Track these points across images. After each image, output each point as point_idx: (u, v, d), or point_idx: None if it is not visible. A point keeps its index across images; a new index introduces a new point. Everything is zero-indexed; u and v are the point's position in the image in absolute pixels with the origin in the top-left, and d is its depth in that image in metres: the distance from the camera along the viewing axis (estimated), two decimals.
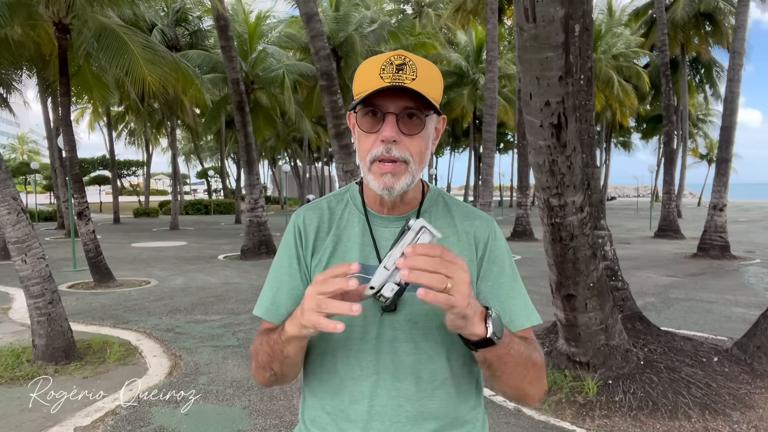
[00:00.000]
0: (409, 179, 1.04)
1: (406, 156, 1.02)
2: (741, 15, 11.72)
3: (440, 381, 1.07)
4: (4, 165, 4.92)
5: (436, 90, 1.03)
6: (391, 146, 1.01)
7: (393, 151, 1.02)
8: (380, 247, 1.10)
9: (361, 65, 1.05)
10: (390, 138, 1.01)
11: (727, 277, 10.31)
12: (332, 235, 1.13)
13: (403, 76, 0.98)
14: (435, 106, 1.01)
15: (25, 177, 42.11)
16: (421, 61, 1.02)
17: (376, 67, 1.00)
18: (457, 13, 21.10)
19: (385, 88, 0.98)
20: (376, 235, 1.11)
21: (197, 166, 54.47)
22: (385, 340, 1.06)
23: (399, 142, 1.02)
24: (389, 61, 1.00)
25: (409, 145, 1.03)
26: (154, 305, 7.78)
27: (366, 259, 1.09)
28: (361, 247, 1.10)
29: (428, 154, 1.08)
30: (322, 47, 8.35)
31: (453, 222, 1.14)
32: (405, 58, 1.00)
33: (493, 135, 13.68)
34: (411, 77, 0.99)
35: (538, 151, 3.65)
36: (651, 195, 33.68)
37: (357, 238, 1.12)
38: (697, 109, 38.94)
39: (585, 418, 3.83)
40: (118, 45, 8.76)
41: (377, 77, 0.99)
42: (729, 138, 11.87)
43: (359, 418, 1.07)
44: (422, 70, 1.00)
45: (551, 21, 3.14)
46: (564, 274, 4.08)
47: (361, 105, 1.03)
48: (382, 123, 1.02)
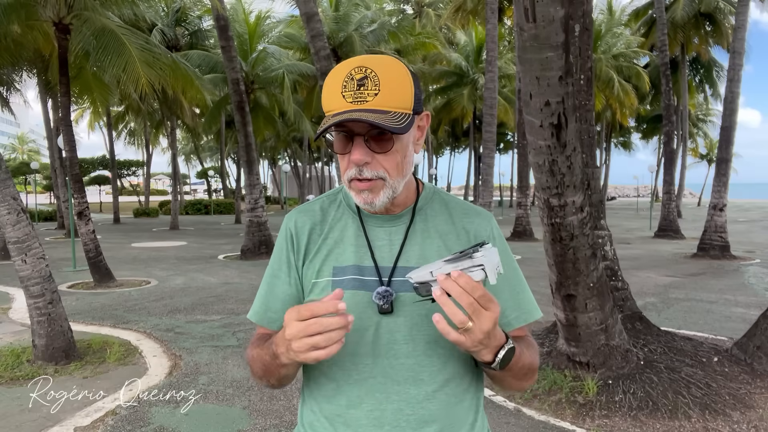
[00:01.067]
0: (389, 192, 1.02)
1: (380, 173, 1.00)
2: (741, 15, 11.72)
3: (440, 383, 1.05)
4: (4, 165, 4.92)
5: (405, 95, 0.98)
6: (363, 168, 0.99)
7: (365, 173, 1.00)
8: (375, 248, 1.08)
9: (325, 79, 1.00)
10: (359, 161, 0.98)
11: (727, 277, 10.31)
12: (326, 237, 1.11)
13: (364, 93, 0.94)
14: (406, 115, 0.97)
15: (25, 177, 42.12)
16: (385, 67, 0.97)
17: (338, 83, 0.96)
18: (457, 13, 21.10)
19: (342, 119, 0.93)
20: (371, 236, 1.09)
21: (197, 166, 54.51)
22: (382, 342, 1.04)
23: (371, 162, 0.99)
24: (350, 75, 0.95)
25: (383, 162, 1.00)
26: (154, 305, 7.78)
27: (361, 261, 1.07)
28: (356, 249, 1.08)
29: (409, 162, 1.05)
30: (322, 47, 8.36)
31: (451, 219, 1.12)
32: (366, 70, 0.95)
33: (493, 135, 13.68)
34: (373, 92, 0.94)
35: (538, 151, 3.65)
36: (651, 195, 33.68)
37: (351, 239, 1.10)
38: (697, 109, 38.94)
39: (585, 418, 3.83)
40: (116, 45, 8.76)
41: (339, 97, 0.95)
42: (729, 138, 11.87)
43: (357, 423, 1.04)
44: (386, 80, 0.95)
45: (551, 21, 3.14)
46: (564, 274, 4.08)
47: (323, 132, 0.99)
48: (352, 143, 0.99)
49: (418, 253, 1.07)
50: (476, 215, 1.14)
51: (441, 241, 1.09)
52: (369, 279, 1.05)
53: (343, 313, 0.87)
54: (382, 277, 1.05)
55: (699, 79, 30.11)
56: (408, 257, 1.07)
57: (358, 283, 1.05)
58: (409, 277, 0.89)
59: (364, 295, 1.04)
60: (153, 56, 9.22)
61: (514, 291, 1.11)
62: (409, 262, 1.06)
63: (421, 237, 1.09)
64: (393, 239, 1.08)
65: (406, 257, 1.07)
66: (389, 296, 1.03)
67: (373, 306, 1.03)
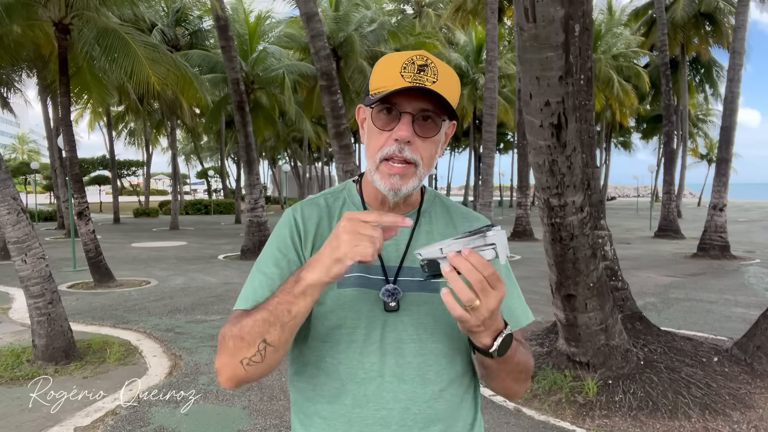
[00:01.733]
0: (416, 182, 1.03)
1: (416, 159, 1.01)
2: (741, 15, 11.73)
3: (447, 382, 1.05)
4: (4, 165, 4.92)
5: (455, 95, 1.02)
6: (404, 146, 1.00)
7: (405, 152, 1.00)
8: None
9: (380, 60, 1.04)
10: (404, 138, 0.99)
11: (727, 277, 10.31)
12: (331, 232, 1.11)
13: (424, 78, 0.97)
14: (453, 110, 1.01)
15: (25, 177, 42.11)
16: (443, 65, 1.01)
17: (397, 64, 0.99)
18: (457, 13, 21.10)
19: (407, 88, 0.96)
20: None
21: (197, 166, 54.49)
22: (389, 341, 1.03)
23: (413, 143, 1.00)
24: (411, 60, 0.99)
25: (421, 147, 1.02)
26: (154, 305, 7.78)
27: None
28: None
29: (436, 159, 1.07)
30: (322, 47, 8.36)
31: (452, 223, 1.14)
32: (427, 60, 0.99)
33: (493, 135, 13.68)
34: (432, 79, 0.98)
35: (538, 151, 3.65)
36: (651, 195, 33.68)
37: None
38: (697, 109, 38.93)
39: (585, 418, 3.83)
40: (120, 45, 8.76)
41: (398, 75, 0.98)
42: (729, 138, 11.88)
43: (363, 422, 1.02)
44: (443, 74, 0.99)
45: (551, 21, 3.14)
46: (564, 274, 4.08)
47: (379, 101, 1.00)
48: (397, 122, 1.00)
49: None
50: (475, 220, 1.17)
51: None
52: (375, 278, 1.05)
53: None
54: (388, 276, 1.05)
55: (699, 79, 30.13)
56: (413, 257, 1.06)
57: (365, 281, 1.05)
58: (418, 254, 0.89)
59: (370, 293, 1.04)
60: (157, 52, 9.22)
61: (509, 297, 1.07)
62: (415, 262, 1.05)
63: (425, 238, 1.10)
64: (399, 239, 1.08)
65: (412, 257, 1.07)
66: (397, 294, 1.03)
67: (380, 304, 1.03)
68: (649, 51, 26.98)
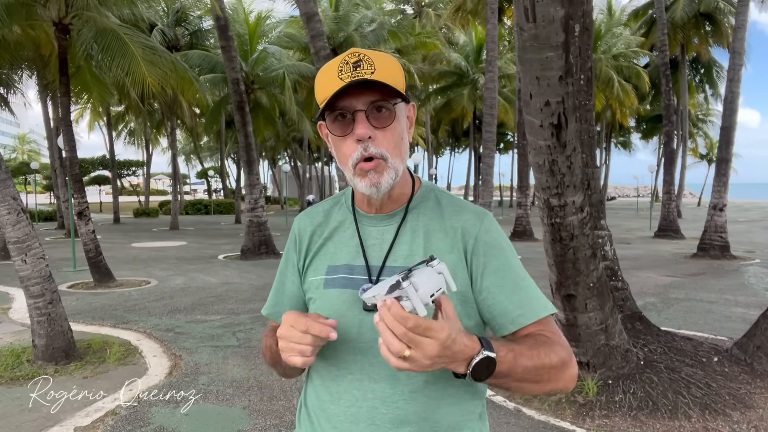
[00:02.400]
0: (393, 174, 1.03)
1: (382, 152, 1.01)
2: (741, 15, 11.72)
3: (420, 384, 1.03)
4: (4, 165, 4.92)
5: (398, 79, 1.01)
6: (368, 143, 1.00)
7: (370, 149, 1.01)
8: (367, 247, 1.10)
9: (318, 72, 1.04)
10: (364, 135, 0.99)
11: (727, 277, 10.31)
12: (326, 238, 1.16)
13: (361, 72, 0.98)
14: (401, 92, 1.00)
15: (25, 177, 42.11)
16: (377, 54, 1.01)
17: (334, 69, 1.00)
18: (457, 13, 21.11)
19: (346, 86, 0.96)
20: (364, 235, 1.12)
21: (197, 166, 54.51)
22: (364, 340, 1.04)
23: (374, 138, 1.01)
24: (344, 61, 0.99)
25: (383, 140, 1.02)
26: (154, 305, 7.78)
27: (353, 260, 1.10)
28: (349, 249, 1.12)
29: (405, 145, 1.07)
30: (322, 47, 8.35)
31: (441, 217, 1.11)
32: (360, 55, 1.00)
33: (493, 135, 13.68)
34: (370, 71, 0.98)
35: (538, 151, 3.65)
36: (651, 195, 33.68)
37: (347, 239, 1.13)
38: (697, 109, 38.94)
39: (585, 418, 3.83)
40: (118, 45, 8.77)
41: (336, 79, 0.98)
42: (729, 138, 11.87)
43: (336, 418, 1.07)
44: (380, 63, 0.99)
45: (551, 21, 3.14)
46: (564, 274, 4.08)
47: (328, 110, 1.01)
48: (353, 123, 1.01)
49: (406, 252, 1.07)
50: (467, 212, 1.11)
51: (427, 238, 1.08)
52: (358, 278, 1.08)
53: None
54: (371, 275, 1.07)
55: (699, 79, 30.13)
56: (396, 256, 1.08)
57: (347, 282, 1.08)
58: (362, 297, 0.90)
59: (351, 293, 1.06)
60: (156, 55, 9.23)
61: (516, 288, 1.05)
62: (397, 261, 1.07)
63: (410, 236, 1.09)
64: (384, 238, 1.10)
65: (395, 256, 1.08)
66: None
67: (359, 304, 1.04)
68: (649, 51, 26.98)
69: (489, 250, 1.06)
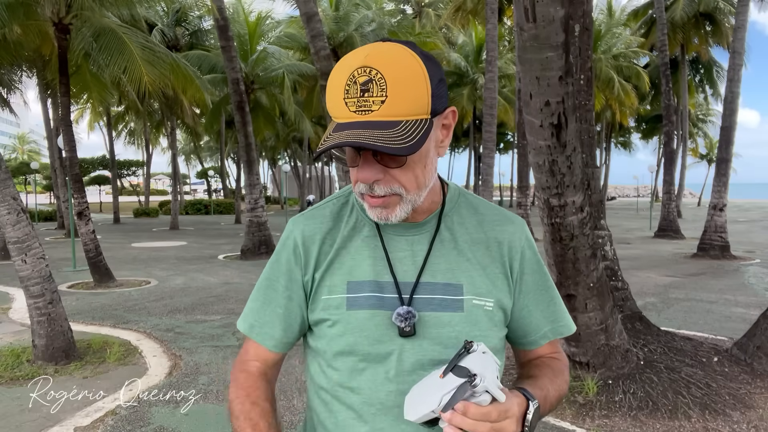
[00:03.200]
0: (407, 207, 0.89)
1: (395, 189, 0.87)
2: (741, 15, 11.73)
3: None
4: (4, 165, 4.92)
5: (418, 97, 0.82)
6: (374, 185, 0.87)
7: (377, 190, 0.87)
8: (393, 260, 0.95)
9: (331, 74, 0.86)
10: (367, 181, 0.86)
11: (727, 277, 10.31)
12: (339, 247, 0.98)
13: (369, 100, 0.80)
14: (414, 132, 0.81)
15: (25, 177, 42.12)
16: (393, 65, 0.81)
17: (341, 85, 0.82)
18: (456, 13, 21.11)
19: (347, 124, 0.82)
20: (390, 246, 0.96)
21: (197, 166, 54.53)
22: (406, 368, 0.92)
23: (383, 178, 0.87)
24: (352, 78, 0.81)
25: (399, 176, 0.87)
26: (154, 305, 7.78)
27: (379, 275, 0.95)
28: (373, 261, 0.95)
29: (430, 171, 0.91)
30: (322, 47, 8.35)
31: (481, 228, 0.99)
32: (371, 72, 0.80)
33: (493, 135, 13.68)
34: (380, 99, 0.80)
35: (538, 151, 3.65)
36: (651, 195, 33.68)
37: (368, 250, 0.96)
38: (697, 109, 38.95)
39: (585, 418, 3.83)
40: (117, 45, 8.77)
41: (342, 103, 0.82)
42: (729, 138, 11.88)
43: None
44: (394, 81, 0.80)
45: (551, 21, 3.14)
46: (564, 274, 4.08)
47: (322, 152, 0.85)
48: (359, 158, 0.86)
49: (445, 267, 0.95)
50: (509, 223, 1.01)
51: (471, 253, 0.96)
52: (389, 297, 0.93)
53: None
54: (402, 294, 0.93)
55: (699, 79, 30.15)
56: (434, 271, 0.95)
57: (377, 302, 0.93)
58: (408, 419, 0.82)
59: (383, 315, 0.92)
60: (154, 55, 9.23)
61: (551, 301, 1.03)
62: (435, 276, 0.94)
63: (447, 248, 0.96)
64: (416, 250, 0.96)
65: (432, 271, 0.95)
66: (411, 318, 0.91)
67: (394, 329, 0.92)
68: (649, 51, 26.99)
69: (533, 266, 1.01)
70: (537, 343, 1.02)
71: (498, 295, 0.96)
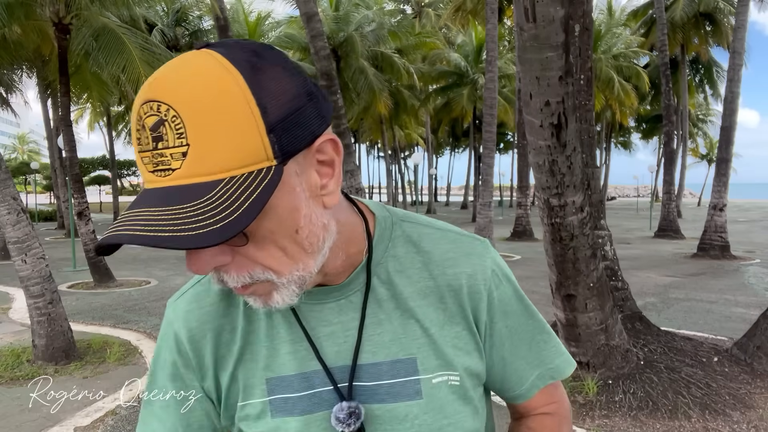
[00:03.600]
0: (291, 289, 0.60)
1: (256, 275, 0.58)
2: (741, 15, 11.73)
3: None
4: (4, 165, 4.92)
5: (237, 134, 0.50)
6: (221, 273, 0.58)
7: (227, 280, 0.58)
8: (318, 339, 0.69)
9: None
10: (202, 271, 0.55)
11: (727, 277, 10.31)
12: (243, 333, 0.70)
13: (166, 154, 0.50)
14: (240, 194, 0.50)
15: (25, 177, 42.13)
16: (187, 93, 0.50)
17: (134, 131, 0.53)
18: (456, 13, 21.11)
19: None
20: (311, 323, 0.69)
21: None
22: None
23: (230, 262, 0.57)
24: (140, 119, 0.52)
25: (255, 256, 0.57)
26: (154, 305, 7.78)
27: (305, 365, 0.69)
28: (291, 347, 0.69)
29: (313, 233, 0.58)
30: (322, 47, 8.35)
31: (429, 272, 0.71)
32: (159, 107, 0.50)
33: (493, 135, 13.68)
34: (179, 150, 0.50)
35: (538, 151, 3.66)
36: (651, 195, 33.69)
37: (283, 333, 0.70)
38: (697, 109, 38.97)
39: (585, 418, 3.83)
40: (116, 44, 8.77)
41: (140, 159, 0.53)
42: (729, 138, 11.87)
43: None
44: (195, 119, 0.50)
45: (551, 21, 3.14)
46: (564, 274, 4.08)
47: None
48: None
49: (389, 338, 0.69)
50: (464, 257, 0.72)
51: (420, 311, 0.70)
52: (321, 391, 0.68)
53: None
54: (338, 384, 0.68)
55: (699, 79, 30.17)
56: (375, 347, 0.69)
57: (309, 403, 0.68)
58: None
59: (321, 419, 0.68)
60: (153, 56, 9.24)
61: (533, 341, 0.79)
62: (377, 354, 0.69)
63: (387, 310, 0.70)
64: (345, 320, 0.69)
65: (372, 347, 0.69)
66: (356, 415, 0.66)
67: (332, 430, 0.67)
68: (649, 51, 27.01)
69: (505, 306, 0.75)
70: (524, 396, 0.82)
71: (465, 361, 0.71)
